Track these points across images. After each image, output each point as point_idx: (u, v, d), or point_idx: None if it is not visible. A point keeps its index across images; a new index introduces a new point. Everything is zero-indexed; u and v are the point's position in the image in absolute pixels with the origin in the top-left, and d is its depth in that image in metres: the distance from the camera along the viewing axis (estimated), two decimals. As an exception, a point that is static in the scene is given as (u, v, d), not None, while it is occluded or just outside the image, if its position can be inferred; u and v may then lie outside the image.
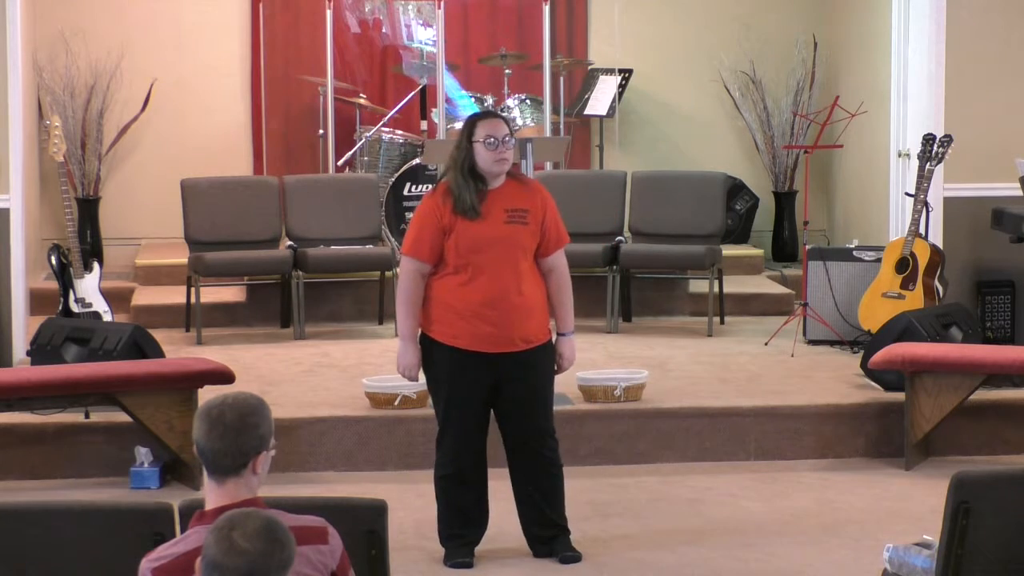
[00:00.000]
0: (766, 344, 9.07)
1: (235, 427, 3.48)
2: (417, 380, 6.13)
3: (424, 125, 10.72)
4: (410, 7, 11.47)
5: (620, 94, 11.17)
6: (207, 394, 6.98)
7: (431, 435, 7.34)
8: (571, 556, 6.09)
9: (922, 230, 8.62)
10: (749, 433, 7.58)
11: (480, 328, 5.91)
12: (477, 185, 5.92)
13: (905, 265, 8.57)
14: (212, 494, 3.52)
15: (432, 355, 6.01)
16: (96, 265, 8.80)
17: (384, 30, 11.49)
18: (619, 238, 9.69)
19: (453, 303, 5.92)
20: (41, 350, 7.71)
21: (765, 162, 11.43)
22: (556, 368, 6.11)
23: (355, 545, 3.82)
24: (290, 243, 9.62)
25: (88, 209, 10.77)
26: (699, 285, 9.86)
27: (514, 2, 11.54)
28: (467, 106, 10.79)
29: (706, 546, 6.32)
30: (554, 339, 6.12)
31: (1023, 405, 7.72)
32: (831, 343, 9.01)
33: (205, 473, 3.53)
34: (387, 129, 10.69)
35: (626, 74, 11.24)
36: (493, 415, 6.10)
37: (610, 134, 11.31)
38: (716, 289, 9.52)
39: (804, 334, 9.10)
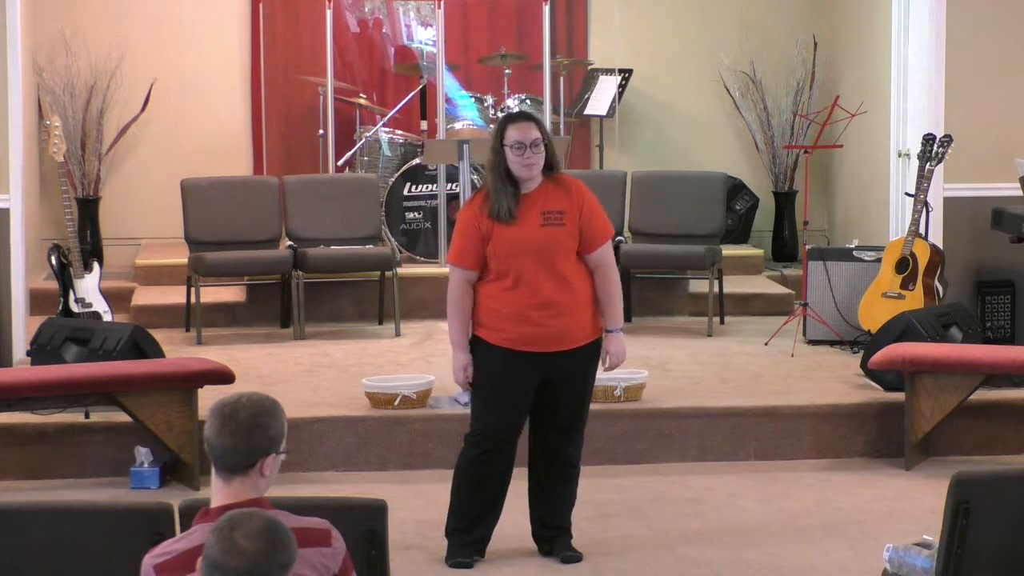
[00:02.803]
0: (766, 344, 9.07)
1: (246, 426, 3.47)
2: (472, 386, 6.01)
3: (424, 125, 10.73)
4: (410, 7, 11.47)
5: (620, 94, 11.17)
6: (207, 394, 6.98)
7: (431, 435, 7.39)
8: (572, 556, 6.10)
9: (922, 230, 8.61)
10: (749, 433, 7.58)
11: (528, 330, 5.88)
12: (513, 189, 5.91)
13: (905, 265, 8.57)
14: (218, 492, 3.51)
15: (480, 353, 5.97)
16: (96, 265, 8.79)
17: (384, 30, 11.49)
18: (619, 238, 9.68)
19: (499, 307, 5.90)
20: (41, 350, 7.70)
21: (765, 162, 11.42)
22: (603, 364, 6.05)
23: (355, 545, 3.81)
24: (290, 243, 9.61)
25: (88, 209, 10.77)
26: (699, 285, 9.85)
27: (514, 2, 11.54)
28: (467, 106, 10.79)
29: (706, 546, 6.32)
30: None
31: (1023, 405, 7.72)
32: (831, 343, 9.01)
33: (213, 470, 3.52)
34: (387, 129, 10.69)
35: (626, 74, 11.23)
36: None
37: (610, 134, 11.31)
38: (716, 289, 9.52)
39: (804, 334, 9.10)
